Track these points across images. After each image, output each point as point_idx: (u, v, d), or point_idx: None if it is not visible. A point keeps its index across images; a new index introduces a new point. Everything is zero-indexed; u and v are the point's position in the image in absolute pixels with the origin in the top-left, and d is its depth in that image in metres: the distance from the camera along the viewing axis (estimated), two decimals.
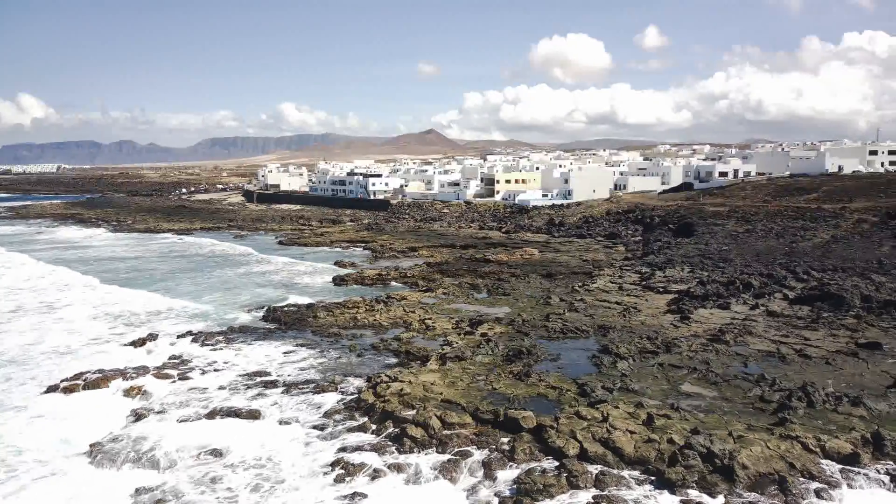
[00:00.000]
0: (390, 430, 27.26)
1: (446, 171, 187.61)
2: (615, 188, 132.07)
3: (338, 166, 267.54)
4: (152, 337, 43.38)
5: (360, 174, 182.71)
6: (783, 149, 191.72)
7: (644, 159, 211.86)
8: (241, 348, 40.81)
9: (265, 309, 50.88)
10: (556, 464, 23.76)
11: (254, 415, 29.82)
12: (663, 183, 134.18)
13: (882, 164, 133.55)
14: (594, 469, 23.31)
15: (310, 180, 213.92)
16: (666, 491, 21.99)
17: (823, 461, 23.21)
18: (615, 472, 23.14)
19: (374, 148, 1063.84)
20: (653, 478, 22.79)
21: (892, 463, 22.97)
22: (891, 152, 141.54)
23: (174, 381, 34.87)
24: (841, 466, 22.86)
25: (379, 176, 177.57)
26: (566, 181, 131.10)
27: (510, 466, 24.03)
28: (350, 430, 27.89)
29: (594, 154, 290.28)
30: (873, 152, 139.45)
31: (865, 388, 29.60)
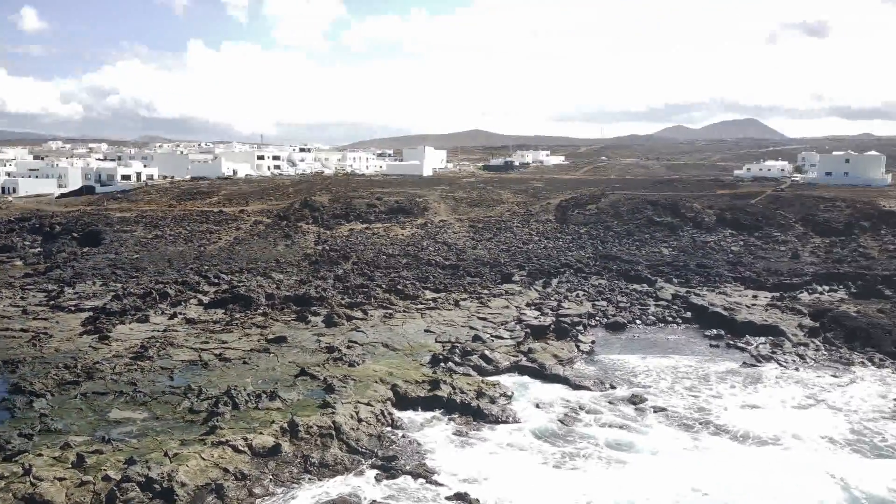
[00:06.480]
0: None
1: None
2: (3, 192, 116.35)
3: None
4: None
5: None
6: (182, 151, 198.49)
7: (34, 157, 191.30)
8: None
9: None
10: None
11: None
12: (61, 186, 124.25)
13: (268, 168, 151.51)
14: None
15: None
16: None
17: (252, 458, 25.82)
18: None
19: None
20: None
21: (304, 444, 27.07)
22: (274, 157, 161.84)
23: None
24: (266, 459, 25.86)
25: None
26: None
27: None
28: None
29: None
30: (261, 157, 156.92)
31: (279, 381, 33.89)
